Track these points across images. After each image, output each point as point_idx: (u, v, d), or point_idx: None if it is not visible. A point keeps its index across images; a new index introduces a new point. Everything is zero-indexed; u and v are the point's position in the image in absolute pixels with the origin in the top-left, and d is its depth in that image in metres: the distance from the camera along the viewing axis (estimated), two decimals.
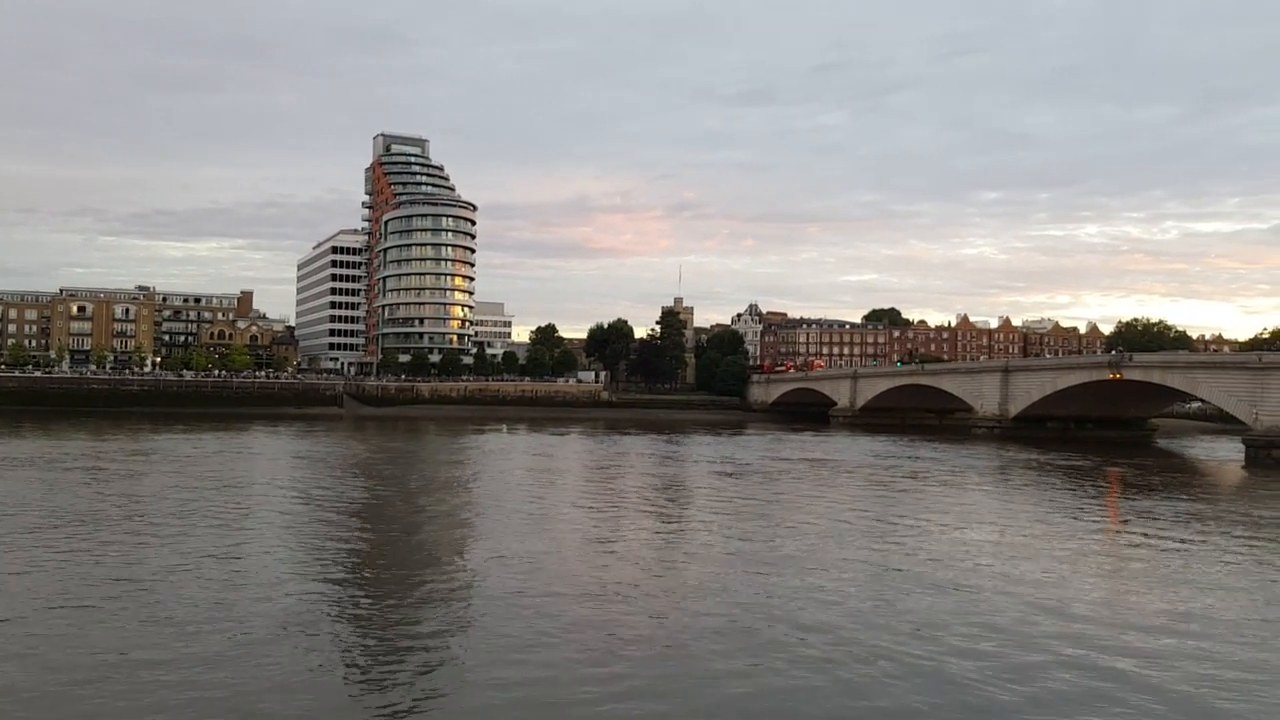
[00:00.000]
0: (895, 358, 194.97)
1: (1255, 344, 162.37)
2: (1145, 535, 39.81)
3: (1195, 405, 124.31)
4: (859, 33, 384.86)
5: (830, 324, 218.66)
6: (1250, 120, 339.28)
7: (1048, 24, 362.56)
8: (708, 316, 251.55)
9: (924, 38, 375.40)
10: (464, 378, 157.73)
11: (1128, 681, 19.93)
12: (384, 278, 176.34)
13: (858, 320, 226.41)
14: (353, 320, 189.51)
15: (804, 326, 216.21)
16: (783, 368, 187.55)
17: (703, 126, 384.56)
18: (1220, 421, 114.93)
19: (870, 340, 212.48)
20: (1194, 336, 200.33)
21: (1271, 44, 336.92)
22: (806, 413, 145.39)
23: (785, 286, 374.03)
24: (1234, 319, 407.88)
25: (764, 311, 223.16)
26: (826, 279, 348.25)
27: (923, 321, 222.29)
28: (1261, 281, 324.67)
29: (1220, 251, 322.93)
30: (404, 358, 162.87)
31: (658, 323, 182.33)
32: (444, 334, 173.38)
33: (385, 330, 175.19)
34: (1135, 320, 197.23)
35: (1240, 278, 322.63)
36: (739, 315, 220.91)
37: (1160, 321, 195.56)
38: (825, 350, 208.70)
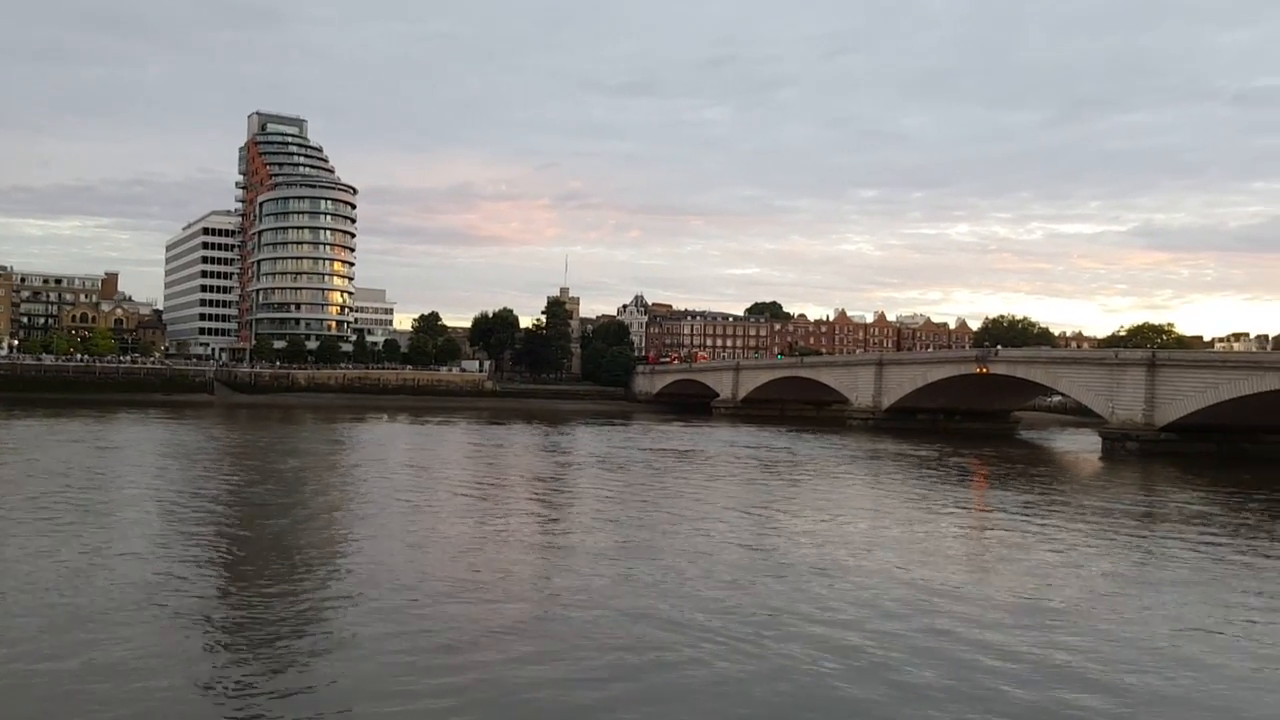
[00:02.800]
0: (776, 350, 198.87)
1: (1113, 341, 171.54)
2: (1006, 522, 41.56)
3: (1056, 399, 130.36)
4: (743, 29, 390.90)
5: (714, 316, 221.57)
6: (1111, 127, 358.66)
7: (924, 27, 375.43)
8: (594, 307, 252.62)
9: (805, 36, 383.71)
10: (343, 366, 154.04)
11: (974, 653, 20.73)
12: (258, 261, 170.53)
13: (741, 313, 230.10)
14: (225, 305, 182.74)
15: (689, 318, 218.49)
16: (667, 359, 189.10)
17: (589, 116, 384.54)
18: (1079, 415, 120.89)
19: (753, 333, 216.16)
20: (1056, 333, 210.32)
21: (1130, 55, 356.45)
22: (690, 404, 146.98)
23: (671, 278, 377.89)
24: (1094, 317, 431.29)
25: (650, 303, 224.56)
26: (711, 272, 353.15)
27: (803, 315, 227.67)
28: (1120, 281, 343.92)
29: (1082, 252, 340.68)
30: (279, 344, 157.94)
31: (544, 312, 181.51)
32: (322, 320, 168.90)
33: (259, 315, 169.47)
34: (1002, 317, 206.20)
35: (1100, 277, 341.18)
36: (625, 306, 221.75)
37: (1025, 318, 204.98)
38: (709, 342, 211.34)
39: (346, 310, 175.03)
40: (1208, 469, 67.60)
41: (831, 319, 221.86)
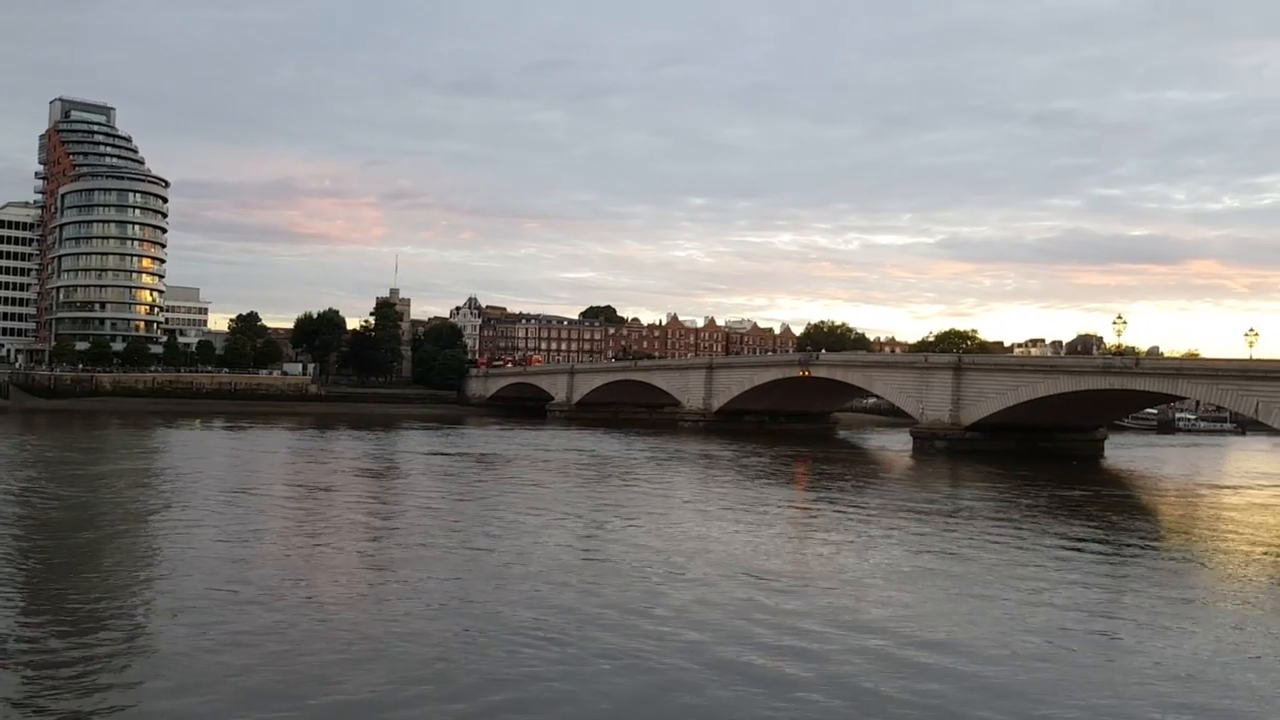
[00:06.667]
0: (610, 354, 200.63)
1: (922, 346, 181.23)
2: (826, 516, 43.49)
3: (872, 401, 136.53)
4: (573, 35, 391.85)
5: (549, 319, 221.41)
6: (920, 144, 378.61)
7: (748, 43, 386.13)
8: (426, 309, 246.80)
9: (635, 45, 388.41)
10: (153, 368, 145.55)
11: (792, 643, 21.67)
12: (59, 256, 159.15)
13: (575, 316, 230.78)
14: (21, 303, 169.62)
15: (523, 321, 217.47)
16: (500, 362, 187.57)
17: (418, 114, 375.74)
18: (893, 416, 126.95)
19: (587, 336, 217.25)
20: (872, 339, 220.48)
21: (937, 77, 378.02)
22: (525, 407, 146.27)
23: (505, 281, 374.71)
24: (905, 323, 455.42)
25: (483, 305, 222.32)
26: (545, 275, 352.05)
27: (636, 319, 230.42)
28: (929, 290, 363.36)
29: (894, 262, 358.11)
30: (82, 345, 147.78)
31: (372, 314, 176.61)
32: (129, 320, 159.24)
33: (60, 315, 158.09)
34: (823, 323, 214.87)
35: (911, 286, 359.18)
36: (458, 308, 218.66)
37: (844, 324, 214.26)
38: (544, 345, 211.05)
39: (156, 310, 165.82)
40: (1004, 465, 72.46)
41: (664, 323, 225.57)
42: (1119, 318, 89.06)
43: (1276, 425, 70.07)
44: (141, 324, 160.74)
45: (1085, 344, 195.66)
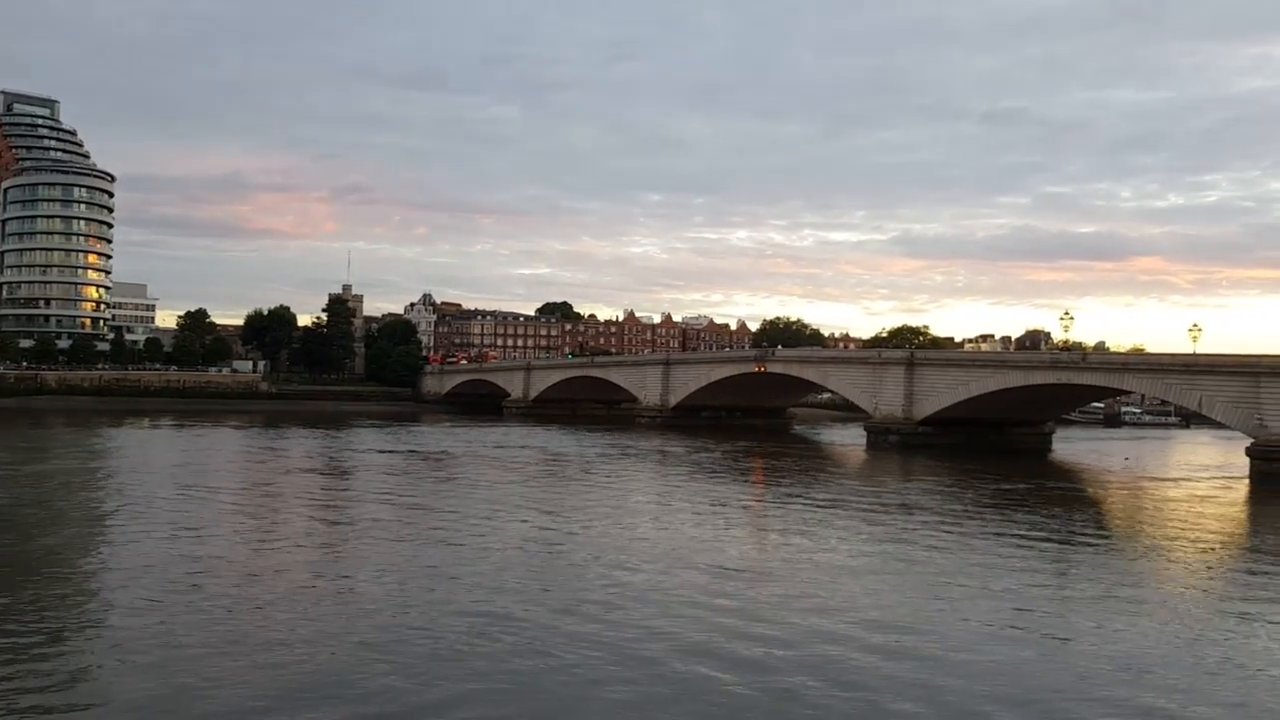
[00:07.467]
0: (567, 350, 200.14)
1: (876, 342, 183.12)
2: (778, 511, 43.81)
3: (827, 396, 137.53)
4: (524, 28, 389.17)
5: (505, 316, 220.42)
6: (873, 142, 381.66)
7: (700, 38, 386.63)
8: (379, 305, 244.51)
9: (587, 41, 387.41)
10: (99, 366, 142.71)
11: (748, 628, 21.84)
12: (2, 252, 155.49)
13: (532, 313, 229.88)
14: None
15: (479, 318, 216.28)
16: (454, 359, 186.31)
17: (369, 108, 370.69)
18: (847, 411, 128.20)
19: (544, 333, 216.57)
20: (826, 334, 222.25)
21: (888, 75, 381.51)
22: (481, 404, 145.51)
23: (460, 277, 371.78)
24: (859, 319, 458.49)
25: (438, 302, 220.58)
26: (501, 271, 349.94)
27: (593, 315, 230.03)
28: (882, 286, 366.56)
29: (849, 259, 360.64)
30: (26, 343, 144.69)
31: (324, 310, 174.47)
32: (75, 317, 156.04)
33: (3, 312, 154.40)
34: (778, 318, 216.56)
35: (865, 282, 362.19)
36: (412, 305, 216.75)
37: (799, 320, 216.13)
38: (500, 342, 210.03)
39: (103, 306, 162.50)
40: (955, 459, 73.42)
41: (621, 319, 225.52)
42: (1066, 314, 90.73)
43: (1219, 419, 71.77)
44: (87, 321, 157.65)
45: (1034, 340, 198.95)
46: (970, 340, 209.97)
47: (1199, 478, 67.83)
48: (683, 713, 17.65)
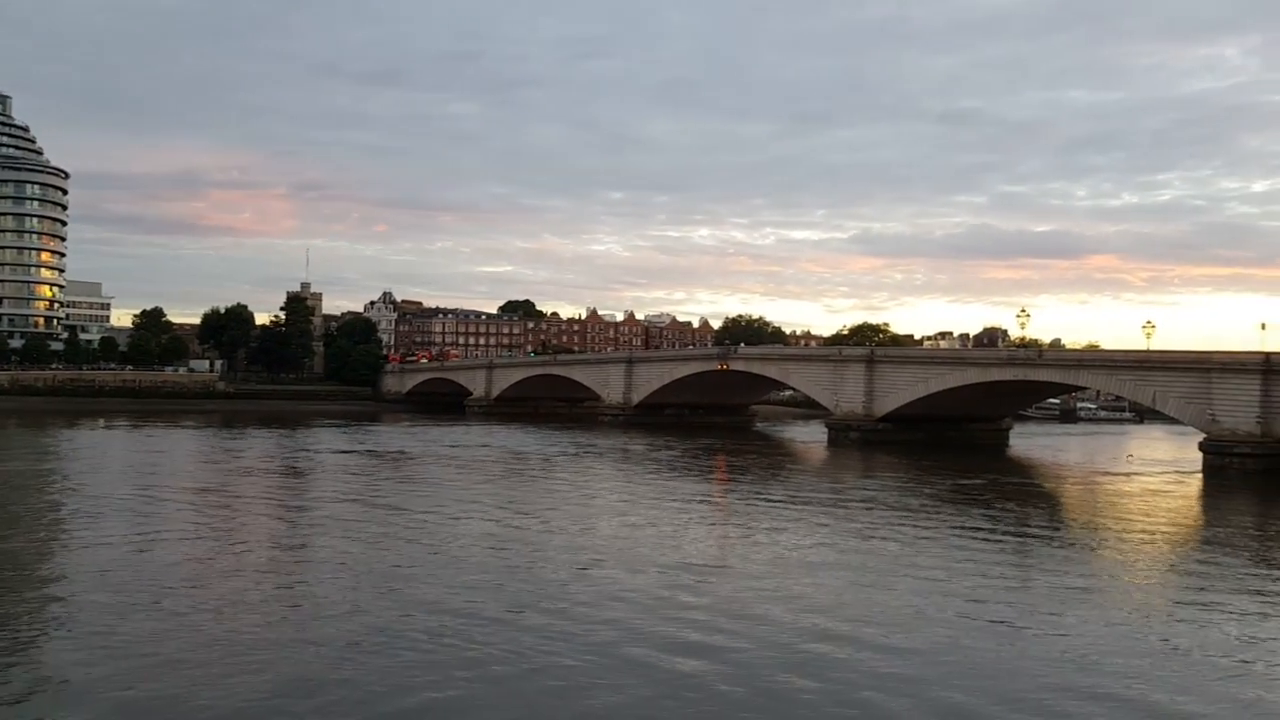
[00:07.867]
0: (530, 349, 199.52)
1: (836, 339, 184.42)
2: (739, 507, 44.01)
3: (788, 393, 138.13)
4: (487, 25, 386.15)
5: (466, 314, 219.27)
6: (832, 141, 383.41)
7: (665, 37, 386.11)
8: (338, 303, 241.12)
9: (550, 38, 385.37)
10: (53, 366, 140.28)
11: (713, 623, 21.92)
12: None
13: (494, 311, 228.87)
14: None
15: (440, 316, 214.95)
16: (414, 357, 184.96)
17: (328, 104, 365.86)
18: (809, 408, 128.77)
19: (506, 331, 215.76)
20: (788, 332, 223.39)
21: (847, 75, 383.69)
22: (442, 402, 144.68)
23: (421, 275, 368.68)
24: (820, 317, 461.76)
25: (399, 300, 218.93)
26: (462, 269, 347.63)
27: (556, 314, 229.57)
28: (842, 284, 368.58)
29: (809, 257, 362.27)
30: None
31: (282, 308, 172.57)
32: (27, 316, 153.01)
33: None
34: (740, 316, 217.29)
35: (825, 280, 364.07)
36: (372, 303, 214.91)
37: (761, 318, 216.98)
38: (462, 340, 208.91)
39: (56, 305, 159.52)
40: (914, 455, 74.06)
41: (583, 318, 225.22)
42: (1023, 311, 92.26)
43: (1172, 414, 73.16)
44: (41, 320, 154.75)
45: (991, 337, 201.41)
46: (929, 337, 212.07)
47: (1152, 472, 69.04)
48: (654, 709, 17.66)
